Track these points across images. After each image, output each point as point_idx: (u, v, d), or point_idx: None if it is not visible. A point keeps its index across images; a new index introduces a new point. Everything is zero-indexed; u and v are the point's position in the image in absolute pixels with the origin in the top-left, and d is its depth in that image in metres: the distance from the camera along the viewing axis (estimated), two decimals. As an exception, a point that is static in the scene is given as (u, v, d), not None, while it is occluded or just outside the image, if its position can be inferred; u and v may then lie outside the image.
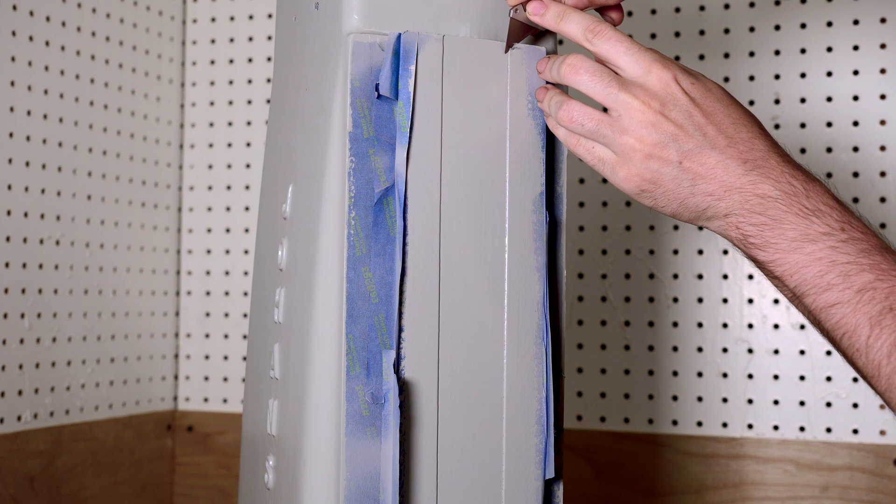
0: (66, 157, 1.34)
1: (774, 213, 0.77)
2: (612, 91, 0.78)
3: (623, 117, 0.78)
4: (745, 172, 0.77)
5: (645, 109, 0.78)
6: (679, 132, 0.78)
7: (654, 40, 1.35)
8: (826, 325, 0.76)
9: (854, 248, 0.75)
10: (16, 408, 1.26)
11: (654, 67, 0.78)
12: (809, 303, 0.76)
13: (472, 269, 0.83)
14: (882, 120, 1.27)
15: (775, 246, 0.77)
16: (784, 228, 0.77)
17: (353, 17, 0.82)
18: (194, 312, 1.53)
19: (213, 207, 1.52)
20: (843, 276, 0.74)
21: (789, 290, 0.78)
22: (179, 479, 1.51)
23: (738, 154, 0.78)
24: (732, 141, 0.78)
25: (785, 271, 0.77)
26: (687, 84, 0.78)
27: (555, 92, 0.82)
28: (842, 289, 0.74)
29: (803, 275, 0.76)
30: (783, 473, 1.28)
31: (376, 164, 0.81)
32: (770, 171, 0.77)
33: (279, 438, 0.88)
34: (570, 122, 0.80)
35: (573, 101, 0.80)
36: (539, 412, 0.85)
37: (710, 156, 0.78)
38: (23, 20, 1.28)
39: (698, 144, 0.78)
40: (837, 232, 0.75)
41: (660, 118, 0.78)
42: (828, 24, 1.29)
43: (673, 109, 0.78)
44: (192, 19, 1.55)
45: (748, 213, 0.78)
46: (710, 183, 0.78)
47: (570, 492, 1.12)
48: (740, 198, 0.78)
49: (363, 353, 0.80)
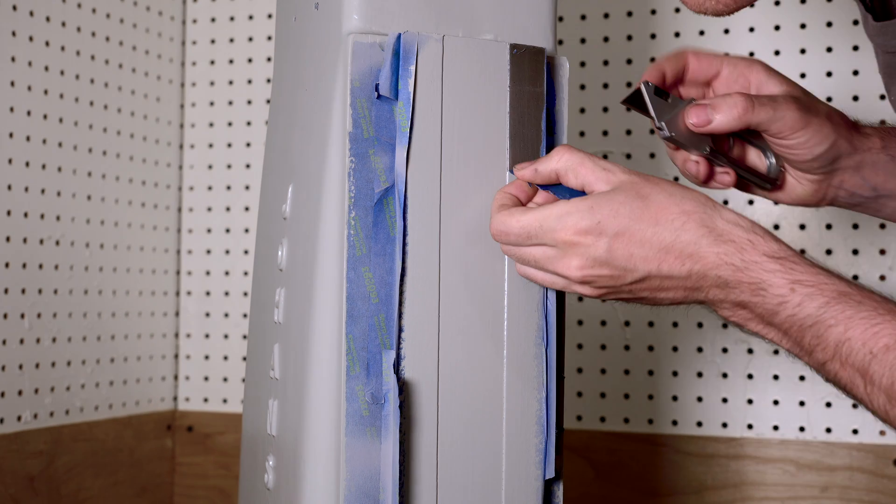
0: (66, 157, 1.34)
1: (733, 298, 0.78)
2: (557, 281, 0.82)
3: (562, 282, 0.82)
4: (687, 274, 0.79)
5: (582, 276, 0.80)
6: (613, 282, 0.80)
7: (654, 40, 1.36)
8: (829, 378, 0.78)
9: (812, 305, 0.76)
10: (16, 408, 1.26)
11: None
12: (807, 363, 0.79)
13: (472, 269, 0.83)
14: (882, 120, 1.27)
15: (751, 322, 0.79)
16: (748, 309, 0.78)
17: (353, 17, 0.82)
18: (194, 312, 1.53)
19: (213, 207, 1.52)
20: (816, 337, 0.76)
21: (787, 351, 0.80)
22: (179, 480, 1.51)
23: (674, 260, 0.78)
24: (662, 253, 0.78)
25: (772, 339, 0.79)
26: (599, 253, 0.79)
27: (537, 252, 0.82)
28: (822, 348, 0.76)
29: (786, 343, 0.78)
30: (783, 473, 1.28)
31: (376, 164, 0.81)
32: (706, 260, 0.78)
33: (279, 438, 0.88)
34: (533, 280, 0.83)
35: (544, 275, 0.82)
36: (539, 412, 0.85)
37: (652, 281, 0.79)
38: (23, 20, 1.28)
39: (634, 277, 0.79)
40: (789, 296, 0.76)
41: (593, 279, 0.80)
42: (827, 25, 1.29)
43: (599, 270, 0.79)
44: (192, 19, 1.55)
45: (714, 301, 0.80)
46: (667, 293, 0.80)
47: (570, 492, 1.12)
48: (700, 294, 0.80)
49: (363, 353, 0.80)
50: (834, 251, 1.28)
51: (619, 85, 1.37)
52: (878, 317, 0.74)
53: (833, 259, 1.28)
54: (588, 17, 1.39)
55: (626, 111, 1.37)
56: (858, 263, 1.27)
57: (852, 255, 1.27)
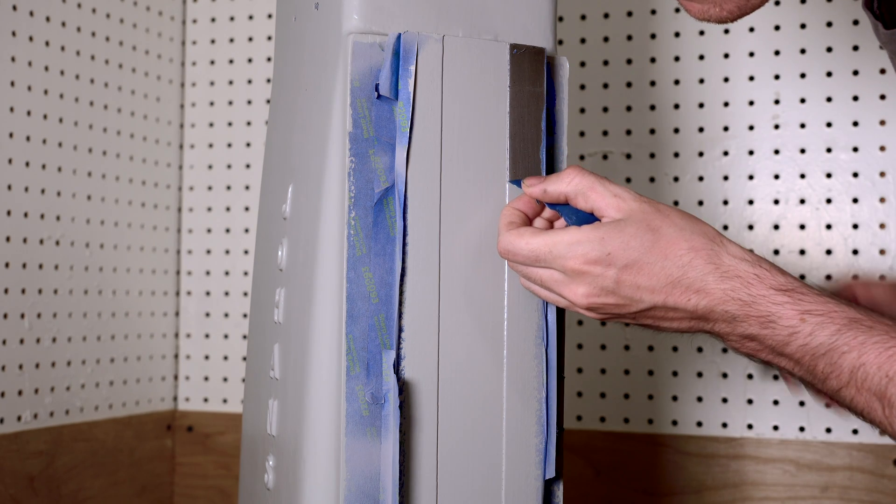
0: (66, 157, 1.34)
1: (740, 331, 0.79)
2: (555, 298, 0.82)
3: (565, 302, 0.82)
4: (693, 308, 0.79)
5: (588, 304, 0.81)
6: (619, 311, 0.81)
7: (654, 40, 1.36)
8: (843, 404, 0.78)
9: (823, 334, 0.77)
10: (16, 408, 1.26)
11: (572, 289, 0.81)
12: (821, 389, 0.79)
13: (472, 269, 0.83)
14: (882, 120, 1.27)
15: (762, 353, 0.80)
16: (757, 341, 0.79)
17: (353, 17, 0.82)
18: (194, 312, 1.53)
19: (213, 207, 1.52)
20: (830, 365, 0.77)
21: (800, 379, 0.80)
22: (179, 479, 1.51)
23: (681, 294, 0.79)
24: (669, 286, 0.79)
25: (784, 367, 0.80)
26: (607, 283, 0.80)
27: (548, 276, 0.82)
28: (836, 375, 0.77)
29: (800, 370, 0.79)
30: (783, 473, 1.28)
31: (376, 164, 0.81)
32: (713, 295, 0.79)
33: (279, 438, 0.88)
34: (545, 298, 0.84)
35: (550, 294, 0.82)
36: (539, 412, 0.85)
37: (657, 311, 0.80)
38: (23, 20, 1.28)
39: (640, 307, 0.80)
40: (800, 325, 0.77)
41: (599, 306, 0.81)
42: (827, 25, 1.29)
43: (606, 299, 0.80)
44: (192, 19, 1.55)
45: (721, 334, 0.80)
46: (671, 323, 0.81)
47: (570, 492, 1.12)
48: (706, 325, 0.80)
49: (363, 353, 0.80)
50: (834, 251, 1.28)
51: (619, 85, 1.37)
52: (890, 340, 0.75)
53: (833, 259, 1.28)
54: (588, 17, 1.39)
55: (626, 111, 1.37)
56: (858, 263, 1.27)
57: (852, 255, 1.27)
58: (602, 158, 1.37)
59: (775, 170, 1.31)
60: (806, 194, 1.29)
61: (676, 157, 1.34)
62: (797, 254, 1.29)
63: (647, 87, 1.36)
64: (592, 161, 1.37)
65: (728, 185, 1.32)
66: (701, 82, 1.34)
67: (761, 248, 1.30)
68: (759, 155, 1.31)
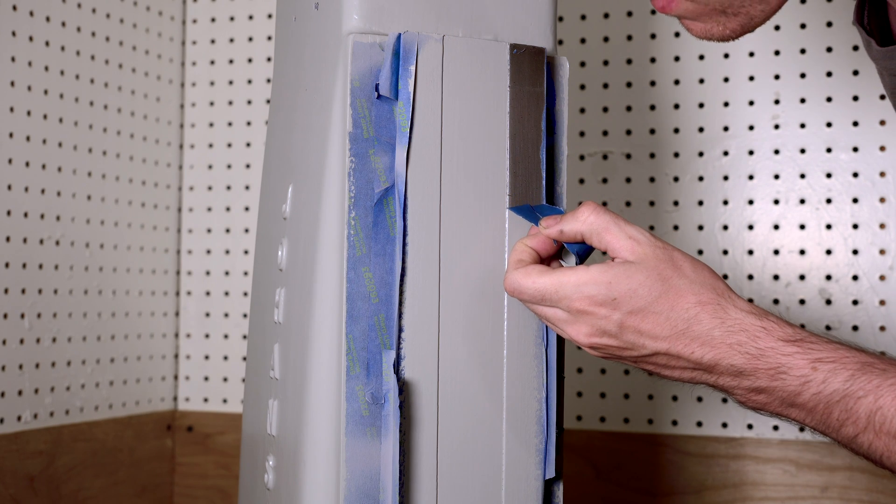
0: (66, 157, 1.34)
1: (748, 384, 0.79)
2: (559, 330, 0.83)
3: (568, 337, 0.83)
4: (698, 360, 0.79)
5: (590, 343, 0.81)
6: (620, 353, 0.81)
7: (654, 40, 1.36)
8: (860, 452, 0.77)
9: (837, 380, 0.76)
10: (16, 408, 1.26)
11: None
12: (835, 438, 0.78)
13: (472, 269, 0.83)
14: (882, 120, 1.27)
15: (770, 405, 0.79)
16: (767, 394, 0.78)
17: (353, 17, 0.82)
18: (194, 312, 1.53)
19: (213, 207, 1.52)
20: (846, 411, 0.76)
21: (811, 430, 0.80)
22: (179, 479, 1.51)
23: (685, 346, 0.79)
24: (673, 337, 0.79)
25: (795, 418, 0.79)
26: (610, 327, 0.80)
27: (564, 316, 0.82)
28: (852, 421, 0.76)
29: (811, 421, 0.78)
30: (783, 473, 1.28)
31: (376, 164, 0.81)
32: (718, 350, 0.78)
33: (279, 438, 0.88)
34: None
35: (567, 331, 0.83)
36: (539, 412, 0.85)
37: (659, 358, 0.80)
38: (23, 20, 1.28)
39: (641, 353, 0.80)
40: (812, 374, 0.76)
41: (600, 346, 0.81)
42: (828, 25, 1.29)
43: (608, 341, 0.80)
44: (192, 19, 1.55)
45: (727, 388, 0.80)
46: (672, 371, 0.81)
47: (570, 492, 1.12)
48: (710, 378, 0.80)
49: (363, 353, 0.80)
50: (834, 251, 1.28)
51: (619, 85, 1.37)
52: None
53: (833, 259, 1.28)
54: (588, 17, 1.39)
55: (626, 111, 1.37)
56: (858, 263, 1.27)
57: (852, 255, 1.27)
58: (602, 158, 1.37)
59: (775, 170, 1.31)
60: (806, 194, 1.29)
61: (676, 157, 1.34)
62: (797, 254, 1.29)
63: (647, 87, 1.36)
64: (592, 161, 1.37)
65: (728, 185, 1.32)
66: (701, 82, 1.34)
67: (761, 248, 1.30)
68: (759, 155, 1.31)
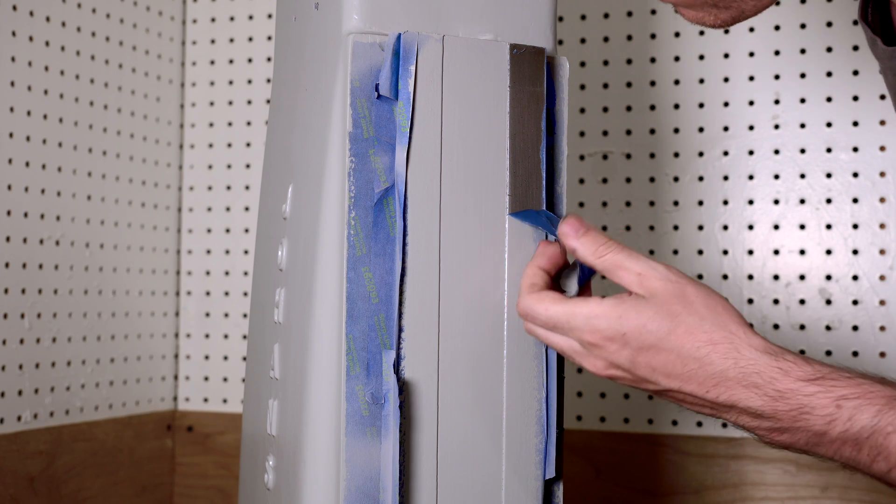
0: (66, 157, 1.34)
1: (768, 425, 0.77)
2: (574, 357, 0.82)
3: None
4: (713, 400, 0.78)
5: (606, 375, 0.81)
6: (636, 385, 0.80)
7: (654, 40, 1.36)
8: (893, 485, 0.76)
9: (864, 417, 0.74)
10: (16, 408, 1.26)
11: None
12: (866, 473, 0.77)
13: (472, 269, 0.83)
14: (882, 120, 1.27)
15: (796, 445, 0.77)
16: (790, 433, 0.77)
17: (353, 17, 0.82)
18: (194, 312, 1.53)
19: (213, 207, 1.52)
20: (876, 448, 0.74)
21: (841, 465, 0.78)
22: (179, 479, 1.51)
23: (698, 385, 0.78)
24: (686, 376, 0.78)
25: (824, 455, 0.77)
26: (622, 361, 0.79)
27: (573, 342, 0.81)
28: (884, 457, 0.74)
29: (841, 457, 0.76)
30: (783, 473, 1.28)
31: (376, 164, 0.81)
32: (733, 391, 0.77)
33: (279, 438, 0.88)
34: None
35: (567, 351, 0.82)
36: (539, 412, 0.85)
37: (675, 395, 0.79)
38: (23, 20, 1.28)
39: (656, 388, 0.80)
40: (837, 412, 0.75)
41: (616, 377, 0.80)
42: (828, 25, 1.29)
43: (623, 374, 0.80)
44: (192, 19, 1.55)
45: (747, 427, 0.78)
46: (692, 406, 0.80)
47: (570, 492, 1.12)
48: (729, 415, 0.79)
49: (363, 353, 0.80)
50: (834, 251, 1.28)
51: (619, 85, 1.37)
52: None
53: (833, 259, 1.28)
54: (588, 17, 1.39)
55: (626, 111, 1.37)
56: (858, 263, 1.27)
57: (852, 255, 1.27)
58: (602, 158, 1.37)
59: (775, 170, 1.31)
60: (806, 194, 1.29)
61: (676, 157, 1.34)
62: (797, 254, 1.29)
63: (647, 87, 1.36)
64: (592, 161, 1.37)
65: (728, 185, 1.32)
66: (701, 82, 1.34)
67: (761, 248, 1.30)
68: (759, 155, 1.31)
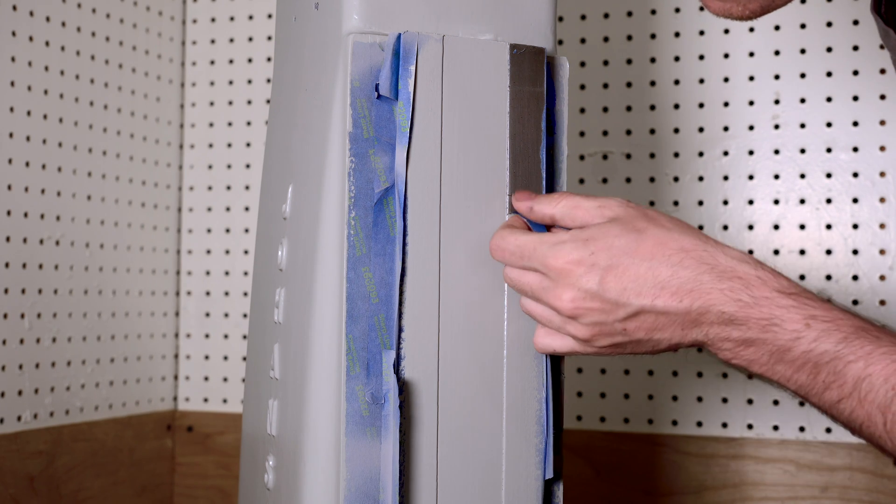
0: (66, 157, 1.34)
1: (738, 335, 0.76)
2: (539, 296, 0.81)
3: (557, 319, 0.81)
4: (686, 311, 0.76)
5: (573, 308, 0.79)
6: (605, 317, 0.78)
7: (654, 40, 1.36)
8: (840, 418, 0.75)
9: (829, 341, 0.73)
10: (16, 408, 1.26)
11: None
12: (815, 402, 0.76)
13: (472, 269, 0.83)
14: (882, 120, 1.27)
15: (758, 362, 0.76)
16: (756, 347, 0.76)
17: (353, 17, 0.82)
18: (194, 312, 1.53)
19: (213, 207, 1.52)
20: (833, 374, 0.73)
21: (792, 392, 0.77)
22: (179, 479, 1.51)
23: (671, 296, 0.76)
24: (657, 288, 0.76)
25: (779, 379, 0.77)
26: (591, 286, 0.77)
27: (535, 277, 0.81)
28: (838, 385, 0.73)
29: (796, 381, 0.76)
30: (783, 473, 1.28)
31: (376, 164, 0.81)
32: (709, 296, 0.76)
33: (279, 438, 0.88)
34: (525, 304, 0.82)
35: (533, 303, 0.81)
36: (539, 412, 0.85)
37: (646, 318, 0.77)
38: (23, 20, 1.28)
39: (627, 312, 0.77)
40: (804, 331, 0.74)
41: (584, 312, 0.78)
42: (827, 25, 1.29)
43: (591, 304, 0.78)
44: (192, 19, 1.55)
45: (715, 341, 0.77)
46: (663, 332, 0.78)
47: (570, 492, 1.12)
48: (699, 332, 0.77)
49: (363, 353, 0.80)
50: (834, 251, 1.28)
51: (619, 85, 1.37)
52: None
53: (833, 259, 1.28)
54: (588, 17, 1.39)
55: (626, 111, 1.37)
56: (858, 263, 1.27)
57: (852, 255, 1.27)
58: (602, 158, 1.37)
59: (775, 170, 1.31)
60: (806, 194, 1.29)
61: (676, 157, 1.34)
62: (797, 254, 1.29)
63: (647, 87, 1.36)
64: (592, 161, 1.37)
65: (728, 185, 1.32)
66: (701, 82, 1.34)
67: (761, 248, 1.30)
68: (759, 155, 1.31)
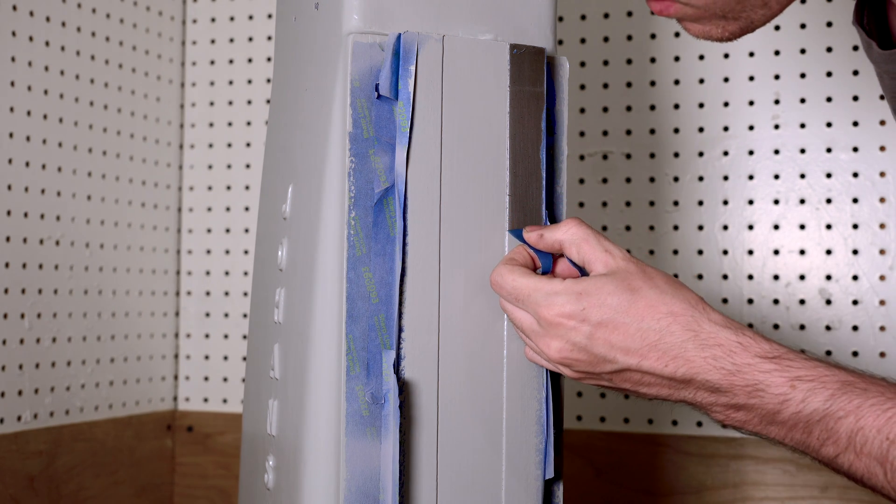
0: (66, 157, 1.34)
1: (725, 401, 0.77)
2: (532, 344, 0.82)
3: (546, 360, 0.83)
4: (671, 375, 0.78)
5: (560, 359, 0.80)
6: (592, 369, 0.79)
7: (654, 40, 1.36)
8: (841, 472, 0.76)
9: (817, 400, 0.74)
10: (16, 408, 1.26)
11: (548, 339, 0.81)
12: (815, 457, 0.76)
13: (472, 269, 0.83)
14: (882, 120, 1.27)
15: (750, 423, 0.78)
16: (745, 411, 0.77)
17: (353, 17, 0.82)
18: (194, 312, 1.53)
19: (213, 207, 1.52)
20: (826, 431, 0.74)
21: (791, 448, 0.78)
22: (179, 479, 1.51)
23: (657, 359, 0.78)
24: (645, 349, 0.78)
25: (775, 437, 0.78)
26: (579, 339, 0.79)
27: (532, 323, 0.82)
28: (833, 441, 0.74)
29: (792, 438, 0.77)
30: (783, 473, 1.28)
31: (376, 164, 0.81)
32: (692, 363, 0.77)
33: (279, 438, 0.88)
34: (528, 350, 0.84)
35: (535, 350, 0.82)
36: (539, 412, 0.85)
37: (632, 375, 0.79)
38: (23, 20, 1.28)
39: (614, 368, 0.79)
40: (791, 392, 0.75)
41: (571, 362, 0.80)
42: (828, 25, 1.29)
43: (578, 355, 0.79)
44: (192, 19, 1.55)
45: (705, 405, 0.78)
46: (650, 388, 0.79)
47: (570, 492, 1.12)
48: (688, 394, 0.79)
49: (363, 353, 0.80)
50: (834, 251, 1.28)
51: (619, 85, 1.37)
52: (887, 401, 0.73)
53: (833, 259, 1.28)
54: (588, 17, 1.39)
55: (626, 111, 1.37)
56: (858, 263, 1.27)
57: (852, 255, 1.27)
58: (602, 158, 1.37)
59: (775, 170, 1.31)
60: (806, 194, 1.29)
61: (676, 157, 1.34)
62: (797, 254, 1.29)
63: (647, 87, 1.36)
64: (592, 161, 1.37)
65: (728, 185, 1.32)
66: (701, 82, 1.34)
67: (761, 248, 1.30)
68: (759, 155, 1.31)
